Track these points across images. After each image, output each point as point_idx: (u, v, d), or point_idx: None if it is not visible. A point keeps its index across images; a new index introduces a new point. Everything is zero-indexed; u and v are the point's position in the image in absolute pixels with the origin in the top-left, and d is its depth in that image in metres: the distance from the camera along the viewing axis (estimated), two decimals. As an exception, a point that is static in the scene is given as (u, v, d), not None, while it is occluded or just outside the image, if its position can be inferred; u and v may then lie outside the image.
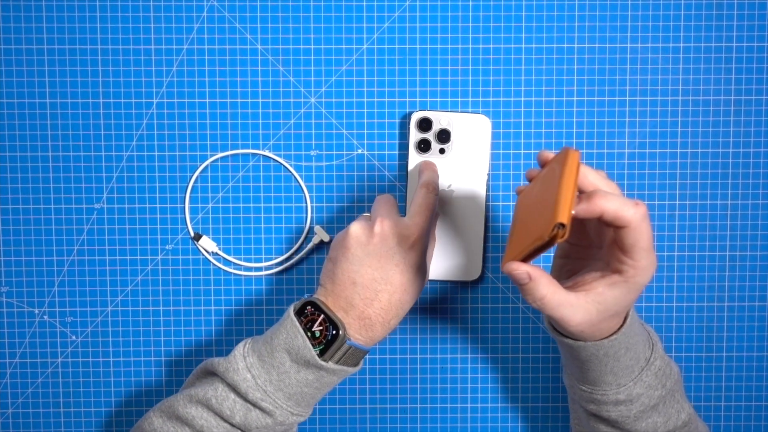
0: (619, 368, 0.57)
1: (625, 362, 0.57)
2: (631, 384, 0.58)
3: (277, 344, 0.59)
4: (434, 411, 0.73)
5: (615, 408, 0.59)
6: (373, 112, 0.70)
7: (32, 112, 0.70)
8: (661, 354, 0.60)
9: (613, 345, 0.56)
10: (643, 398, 0.59)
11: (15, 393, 0.72)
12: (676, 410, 0.60)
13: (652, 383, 0.59)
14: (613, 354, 0.57)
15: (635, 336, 0.58)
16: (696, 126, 0.71)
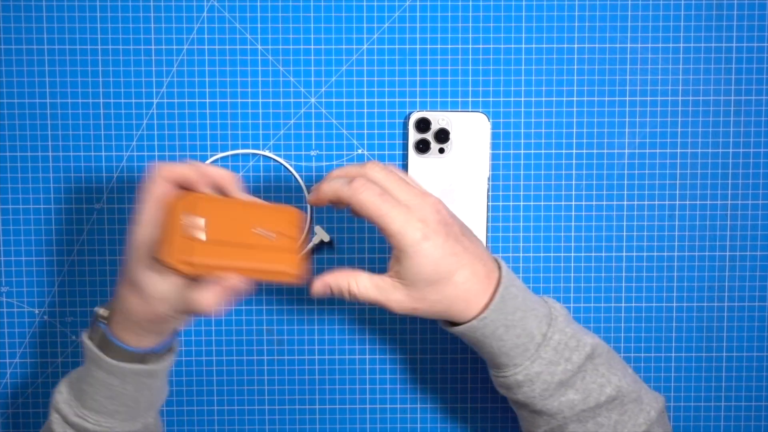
0: (508, 347, 0.57)
1: (511, 340, 0.57)
2: (527, 363, 0.57)
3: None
4: (434, 411, 0.73)
5: (519, 390, 0.58)
6: (373, 112, 0.70)
7: (32, 112, 0.70)
8: (561, 328, 0.58)
9: (486, 324, 0.56)
10: (544, 375, 0.57)
11: (15, 393, 0.72)
12: (598, 384, 0.58)
13: (552, 359, 0.57)
14: (491, 333, 0.57)
15: (517, 311, 0.57)
16: (696, 126, 0.71)
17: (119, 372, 0.58)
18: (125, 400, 0.59)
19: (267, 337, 0.72)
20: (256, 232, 0.57)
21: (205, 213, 0.56)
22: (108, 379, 0.58)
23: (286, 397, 0.73)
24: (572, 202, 0.71)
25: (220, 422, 0.72)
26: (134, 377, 0.59)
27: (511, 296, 0.57)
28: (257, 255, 0.57)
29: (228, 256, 0.56)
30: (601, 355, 0.59)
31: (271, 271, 0.57)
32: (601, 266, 0.71)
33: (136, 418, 0.61)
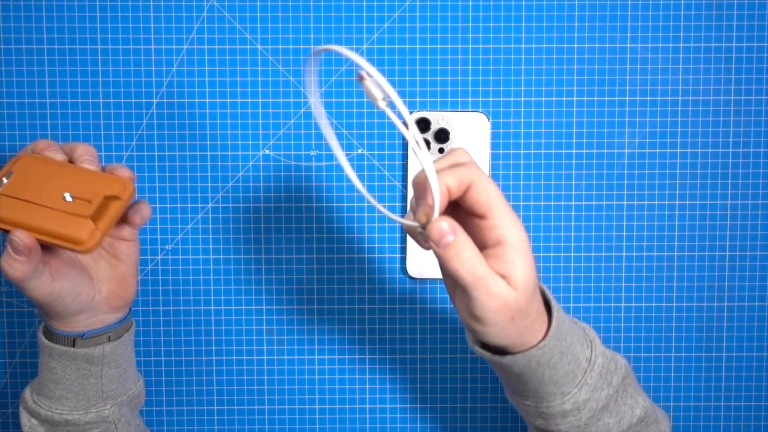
0: (558, 376, 0.53)
1: (563, 368, 0.53)
2: (575, 390, 0.53)
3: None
4: (434, 411, 0.73)
5: (563, 420, 0.54)
6: (373, 112, 0.70)
7: (32, 112, 0.70)
8: (602, 350, 0.55)
9: (544, 353, 0.51)
10: (591, 403, 0.54)
11: (15, 393, 0.72)
12: (629, 406, 0.56)
13: (597, 384, 0.54)
14: (547, 362, 0.52)
15: (568, 337, 0.53)
16: (696, 126, 0.71)
17: (56, 354, 0.59)
18: (69, 385, 0.60)
19: (267, 337, 0.72)
20: (63, 196, 0.55)
21: (22, 171, 0.56)
22: (50, 362, 0.60)
23: (286, 397, 0.73)
24: (572, 202, 0.71)
25: (220, 422, 0.72)
26: (71, 361, 0.60)
27: (561, 320, 0.53)
28: (49, 215, 0.55)
29: (16, 210, 0.54)
30: (629, 376, 0.57)
31: (57, 234, 0.55)
32: (601, 266, 0.71)
33: (88, 408, 0.61)
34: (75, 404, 0.61)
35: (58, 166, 0.56)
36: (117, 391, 0.63)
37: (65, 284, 0.57)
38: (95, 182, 0.56)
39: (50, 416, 0.61)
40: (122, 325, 0.62)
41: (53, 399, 0.61)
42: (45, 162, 0.56)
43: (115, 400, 0.62)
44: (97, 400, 0.61)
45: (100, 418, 0.62)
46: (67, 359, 0.60)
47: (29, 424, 0.62)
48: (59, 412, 0.61)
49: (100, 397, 0.62)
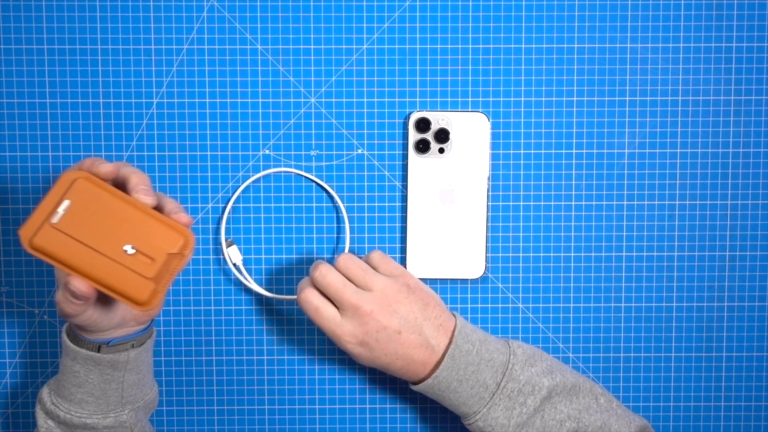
0: (465, 397, 0.63)
1: (466, 392, 0.63)
2: (484, 410, 0.63)
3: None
4: (434, 411, 0.73)
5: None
6: (373, 112, 0.70)
7: (32, 112, 0.70)
8: (515, 377, 0.63)
9: (440, 382, 0.63)
10: (501, 419, 0.63)
11: (15, 393, 0.72)
12: (558, 421, 0.63)
13: (507, 405, 0.63)
14: (447, 387, 0.63)
15: (469, 366, 0.63)
16: (696, 126, 0.71)
17: (81, 359, 0.60)
18: (91, 389, 0.61)
19: (267, 337, 0.72)
20: (125, 249, 0.54)
21: (78, 201, 0.54)
22: (73, 366, 0.61)
23: (286, 397, 0.73)
24: (572, 202, 0.71)
25: (220, 422, 0.72)
26: (95, 366, 0.60)
27: (463, 353, 0.63)
28: (110, 267, 0.54)
29: (76, 254, 0.54)
30: (560, 394, 0.64)
31: (115, 289, 0.54)
32: (601, 266, 0.71)
33: (107, 413, 0.62)
34: (95, 408, 0.62)
35: (115, 201, 0.55)
36: (135, 396, 0.64)
37: (101, 311, 0.59)
38: (157, 234, 0.55)
39: (69, 419, 0.61)
40: (145, 333, 0.63)
41: (73, 402, 0.61)
42: (101, 193, 0.54)
43: (132, 405, 0.63)
44: (116, 405, 0.62)
45: (117, 422, 0.62)
46: (91, 364, 0.60)
47: (46, 425, 0.62)
48: (78, 415, 0.61)
49: (120, 402, 0.62)
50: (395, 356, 0.63)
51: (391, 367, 0.64)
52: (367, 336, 0.62)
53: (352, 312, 0.62)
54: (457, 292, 0.72)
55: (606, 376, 0.72)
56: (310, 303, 0.63)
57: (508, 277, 0.71)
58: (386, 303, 0.63)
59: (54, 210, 0.54)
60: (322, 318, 0.63)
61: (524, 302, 0.72)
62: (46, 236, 0.53)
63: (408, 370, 0.64)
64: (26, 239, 0.53)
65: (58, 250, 0.53)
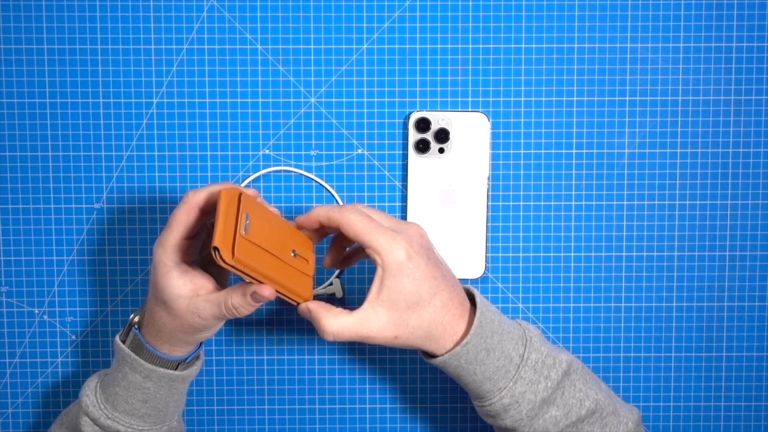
0: (490, 372, 0.60)
1: (492, 363, 0.59)
2: (511, 384, 0.59)
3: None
4: (434, 411, 0.73)
5: (506, 414, 0.60)
6: (373, 112, 0.70)
7: (32, 112, 0.70)
8: (537, 347, 0.60)
9: (468, 350, 0.59)
10: (528, 395, 0.59)
11: (15, 393, 0.72)
12: (578, 399, 0.61)
13: (533, 378, 0.60)
14: (474, 358, 0.59)
15: (495, 335, 0.60)
16: (696, 126, 0.71)
17: (155, 377, 0.61)
18: (157, 404, 0.62)
19: (267, 338, 0.72)
20: (292, 251, 0.59)
21: (254, 214, 0.57)
22: (144, 383, 0.61)
23: (286, 397, 0.73)
24: (572, 202, 0.71)
25: (220, 422, 0.72)
26: (168, 382, 0.62)
27: (488, 320, 0.60)
28: (287, 272, 0.58)
29: (263, 262, 0.56)
30: (577, 371, 0.62)
31: (291, 290, 0.59)
32: (601, 266, 0.71)
33: (164, 421, 0.64)
34: (156, 419, 0.63)
35: (270, 212, 0.60)
36: (183, 403, 0.66)
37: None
38: (301, 239, 0.61)
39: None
40: (201, 347, 0.65)
41: (136, 416, 0.62)
42: (260, 206, 0.59)
43: (180, 411, 0.66)
44: (172, 414, 0.64)
45: (169, 429, 0.64)
46: (165, 380, 0.61)
47: None
48: (140, 428, 0.62)
49: (175, 411, 0.64)
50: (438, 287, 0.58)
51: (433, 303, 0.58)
52: (423, 249, 0.58)
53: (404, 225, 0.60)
54: (457, 292, 0.72)
55: (606, 376, 0.72)
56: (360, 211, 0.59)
57: (508, 277, 0.71)
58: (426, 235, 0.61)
59: (239, 223, 0.55)
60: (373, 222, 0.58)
61: (524, 302, 0.72)
62: (243, 248, 0.55)
63: (443, 318, 0.59)
64: (228, 254, 0.54)
65: (253, 260, 0.55)
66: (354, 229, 0.58)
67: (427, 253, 0.59)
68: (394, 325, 0.58)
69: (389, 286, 0.57)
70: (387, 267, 0.57)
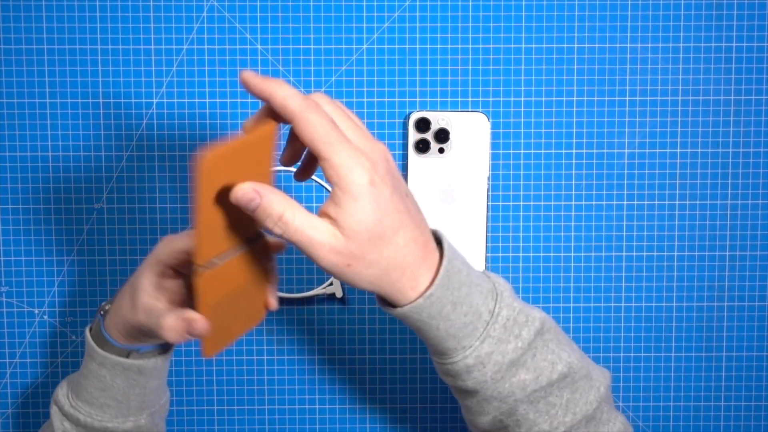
0: (455, 328, 0.51)
1: (458, 319, 0.51)
2: (477, 344, 0.52)
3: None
4: (434, 411, 0.73)
5: (469, 376, 0.52)
6: (373, 112, 0.70)
7: (32, 112, 0.70)
8: (508, 303, 0.53)
9: (432, 303, 0.50)
10: (495, 356, 0.52)
11: (15, 393, 0.72)
12: (549, 362, 0.53)
13: (502, 337, 0.52)
14: (438, 313, 0.51)
15: (463, 288, 0.51)
16: (696, 126, 0.71)
17: (109, 364, 0.60)
18: (115, 394, 0.61)
19: (267, 337, 0.72)
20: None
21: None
22: (100, 370, 0.60)
23: (286, 397, 0.73)
24: (572, 202, 0.71)
25: (220, 422, 0.72)
26: (123, 371, 0.60)
27: (455, 270, 0.51)
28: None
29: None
30: (550, 330, 0.55)
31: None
32: (601, 266, 0.72)
33: (127, 416, 0.62)
34: (116, 412, 0.61)
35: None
36: (153, 401, 0.63)
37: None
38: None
39: (90, 422, 0.61)
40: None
41: (95, 406, 0.61)
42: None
43: (150, 410, 0.63)
44: (136, 410, 0.62)
45: (136, 427, 0.62)
46: (119, 369, 0.60)
47: (62, 427, 0.62)
48: (99, 419, 0.61)
49: (140, 407, 0.62)
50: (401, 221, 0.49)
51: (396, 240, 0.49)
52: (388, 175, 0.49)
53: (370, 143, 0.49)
54: (457, 292, 0.72)
55: (606, 376, 0.72)
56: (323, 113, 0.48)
57: (508, 277, 0.71)
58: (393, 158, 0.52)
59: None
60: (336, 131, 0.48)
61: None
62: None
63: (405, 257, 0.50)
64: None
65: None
66: (311, 133, 0.47)
67: (393, 181, 0.49)
68: (348, 252, 0.48)
69: (348, 211, 0.47)
70: (346, 188, 0.47)
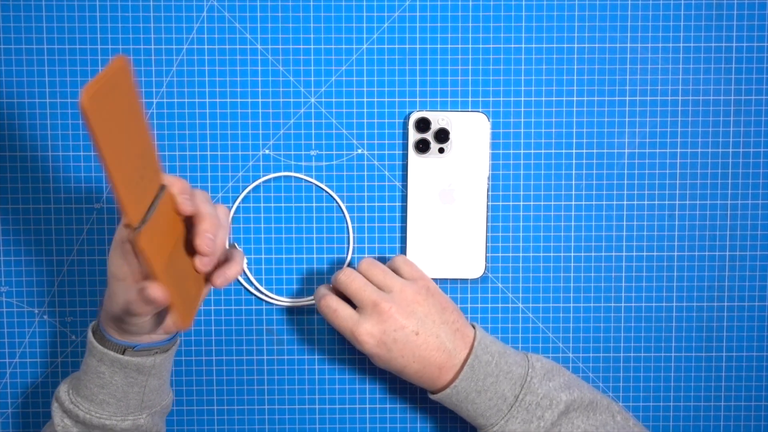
0: (483, 409, 0.63)
1: (484, 403, 0.63)
2: (502, 422, 0.63)
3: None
4: (434, 411, 0.73)
5: None
6: (373, 112, 0.70)
7: (32, 112, 0.70)
8: (533, 390, 0.63)
9: (457, 392, 0.63)
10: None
11: (15, 393, 0.72)
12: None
13: (525, 417, 0.63)
14: (465, 398, 0.63)
15: (488, 378, 0.63)
16: (696, 126, 0.71)
17: (107, 360, 0.60)
18: (114, 391, 0.61)
19: (267, 337, 0.72)
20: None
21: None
22: (99, 367, 0.61)
23: (286, 397, 0.73)
24: (572, 202, 0.71)
25: (220, 422, 0.72)
26: (121, 369, 0.61)
27: (482, 363, 0.63)
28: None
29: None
30: (578, 409, 0.64)
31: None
32: (601, 266, 0.71)
33: (126, 415, 0.62)
34: (115, 410, 0.62)
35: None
36: (154, 401, 0.64)
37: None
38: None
39: (88, 419, 0.61)
40: (170, 341, 0.63)
41: (94, 402, 0.62)
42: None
43: (150, 409, 0.64)
44: (135, 409, 0.63)
45: (135, 426, 0.63)
46: (118, 366, 0.61)
47: (62, 424, 0.63)
48: (98, 416, 0.61)
49: (139, 406, 0.63)
50: (412, 358, 0.63)
51: (408, 370, 0.64)
52: (385, 335, 0.63)
53: (370, 310, 0.63)
54: (457, 292, 0.72)
55: (606, 376, 0.72)
56: (328, 306, 0.65)
57: (508, 277, 0.71)
58: (405, 303, 0.64)
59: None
60: (339, 318, 0.64)
61: (524, 302, 0.72)
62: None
63: (424, 374, 0.64)
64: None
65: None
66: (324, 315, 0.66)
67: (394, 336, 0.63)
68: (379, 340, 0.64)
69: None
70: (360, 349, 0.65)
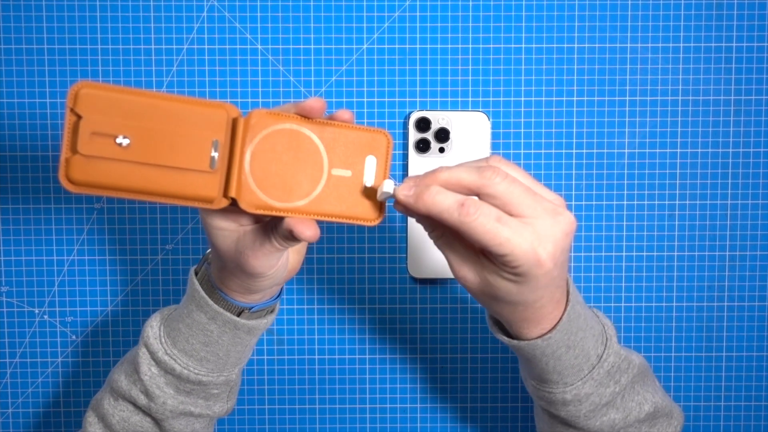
0: (563, 367, 0.54)
1: (568, 361, 0.54)
2: (579, 383, 0.55)
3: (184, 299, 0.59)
4: (434, 411, 0.73)
5: (563, 407, 0.56)
6: (373, 112, 0.70)
7: (32, 112, 0.70)
8: (615, 350, 0.56)
9: (549, 344, 0.53)
10: (593, 397, 0.55)
11: (15, 393, 0.72)
12: (637, 402, 0.57)
13: (603, 381, 0.55)
14: (552, 353, 0.53)
15: (579, 332, 0.54)
16: (696, 126, 0.71)
17: (221, 320, 0.57)
18: (217, 350, 0.58)
19: (267, 337, 0.72)
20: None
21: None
22: (208, 324, 0.57)
23: (286, 397, 0.73)
24: (572, 202, 0.71)
25: (220, 422, 0.72)
26: (232, 330, 0.57)
27: (576, 315, 0.54)
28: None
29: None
30: (641, 373, 0.58)
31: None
32: (601, 266, 0.72)
33: (222, 371, 0.59)
34: (214, 367, 0.59)
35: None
36: (247, 356, 0.61)
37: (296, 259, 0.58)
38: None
39: (185, 374, 0.58)
40: (276, 301, 0.61)
41: (195, 358, 0.58)
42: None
43: (241, 365, 0.61)
44: (233, 365, 0.60)
45: (226, 381, 0.60)
46: (230, 327, 0.57)
47: (150, 372, 0.58)
48: (196, 372, 0.58)
49: (236, 363, 0.60)
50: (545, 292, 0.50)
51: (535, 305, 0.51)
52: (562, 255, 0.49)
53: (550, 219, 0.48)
54: (457, 292, 0.72)
55: (606, 376, 0.72)
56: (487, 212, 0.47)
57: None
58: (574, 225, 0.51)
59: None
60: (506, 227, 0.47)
61: (524, 302, 0.72)
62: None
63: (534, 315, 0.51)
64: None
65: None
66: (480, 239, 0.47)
67: (565, 257, 0.50)
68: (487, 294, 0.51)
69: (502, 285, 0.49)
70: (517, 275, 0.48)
